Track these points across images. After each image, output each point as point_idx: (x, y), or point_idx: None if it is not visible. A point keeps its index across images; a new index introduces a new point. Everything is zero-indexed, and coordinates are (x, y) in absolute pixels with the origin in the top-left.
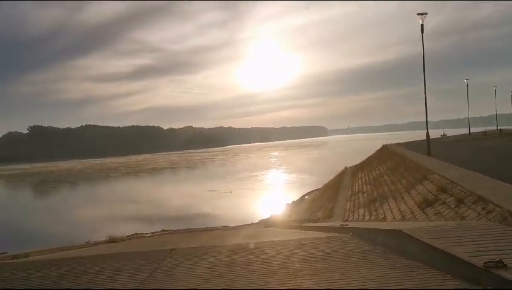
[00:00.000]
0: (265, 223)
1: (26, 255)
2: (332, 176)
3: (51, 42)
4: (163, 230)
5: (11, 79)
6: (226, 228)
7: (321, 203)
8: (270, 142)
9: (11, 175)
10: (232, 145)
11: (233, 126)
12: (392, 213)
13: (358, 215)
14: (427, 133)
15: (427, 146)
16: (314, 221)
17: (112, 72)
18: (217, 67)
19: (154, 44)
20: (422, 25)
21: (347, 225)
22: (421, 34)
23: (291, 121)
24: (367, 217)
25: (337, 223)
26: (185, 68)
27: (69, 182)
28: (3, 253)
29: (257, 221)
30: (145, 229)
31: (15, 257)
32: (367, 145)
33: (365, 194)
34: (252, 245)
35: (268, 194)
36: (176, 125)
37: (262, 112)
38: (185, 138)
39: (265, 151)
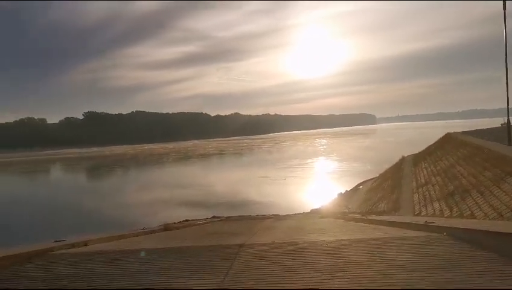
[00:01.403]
0: (319, 213)
1: (85, 244)
2: (386, 166)
3: (104, 31)
4: (213, 216)
5: (68, 68)
6: (277, 216)
7: (382, 194)
8: (317, 130)
9: (67, 159)
10: (279, 132)
11: (280, 113)
12: (481, 209)
13: (434, 210)
14: (508, 121)
15: (508, 135)
16: (379, 213)
17: (162, 59)
18: (265, 54)
19: (202, 32)
20: (504, 1)
21: (433, 222)
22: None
23: (339, 108)
24: (447, 213)
25: (413, 218)
26: (233, 55)
27: (122, 166)
28: (61, 240)
29: (308, 210)
30: (196, 215)
31: (73, 245)
32: (421, 133)
33: (436, 186)
34: (326, 243)
35: (318, 182)
36: (223, 112)
37: (310, 99)
38: (232, 125)
39: (313, 139)
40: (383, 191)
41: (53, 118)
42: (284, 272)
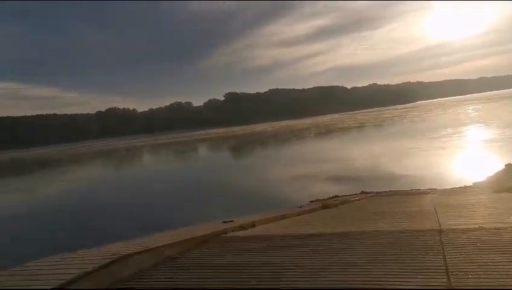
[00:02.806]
0: (489, 187)
1: (253, 225)
2: None
3: (241, 14)
4: (362, 192)
5: (209, 52)
6: (434, 191)
7: None
8: (466, 95)
9: (212, 139)
10: (422, 100)
11: (422, 80)
12: None
13: None
14: None
15: None
16: None
17: (295, 35)
18: (402, 19)
19: (335, 3)
20: None
21: None
22: None
23: (491, 70)
24: None
25: None
26: (367, 24)
27: (265, 143)
28: (229, 221)
29: (469, 184)
30: (343, 190)
31: (242, 227)
32: None
33: None
34: None
35: (477, 152)
36: (360, 83)
37: (455, 62)
38: (370, 96)
39: (464, 105)
40: None
41: (198, 101)
42: None
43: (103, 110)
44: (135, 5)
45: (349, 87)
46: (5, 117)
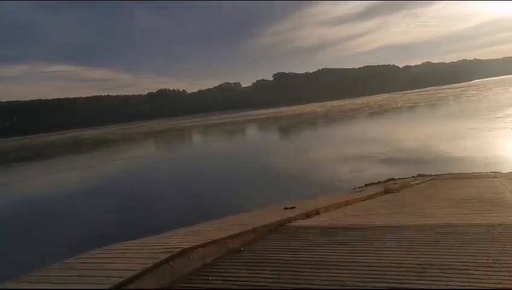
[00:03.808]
0: None
1: (317, 212)
2: None
3: None
4: (419, 175)
5: (257, 32)
6: (497, 173)
7: None
8: None
9: (261, 119)
10: (480, 79)
11: (480, 58)
12: None
13: None
14: None
15: None
16: None
17: (342, 14)
18: None
19: None
20: None
21: None
22: None
23: None
24: None
25: None
26: (419, 0)
27: (314, 124)
28: (291, 207)
29: None
30: (398, 172)
31: (307, 215)
32: None
33: None
34: None
35: None
36: (413, 62)
37: None
38: (423, 75)
39: None
40: None
41: (247, 82)
42: None
43: (154, 91)
44: None
45: (401, 66)
46: (64, 98)
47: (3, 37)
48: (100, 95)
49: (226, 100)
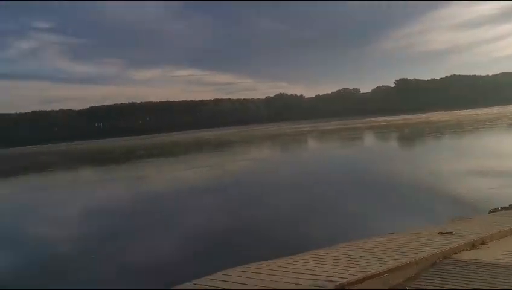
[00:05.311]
0: None
1: (483, 241)
2: None
3: None
4: None
5: (378, 37)
6: None
7: None
8: None
9: (382, 126)
10: None
11: None
12: None
13: None
14: None
15: None
16: None
17: (476, 16)
18: None
19: None
20: None
21: None
22: None
23: None
24: None
25: None
26: None
27: (445, 133)
28: (448, 232)
29: None
30: None
31: (472, 244)
32: None
33: None
34: None
35: None
36: None
37: None
38: None
39: None
40: None
41: (366, 87)
42: None
43: (272, 95)
44: None
45: None
46: (189, 101)
47: (140, 44)
48: (222, 99)
49: (344, 106)
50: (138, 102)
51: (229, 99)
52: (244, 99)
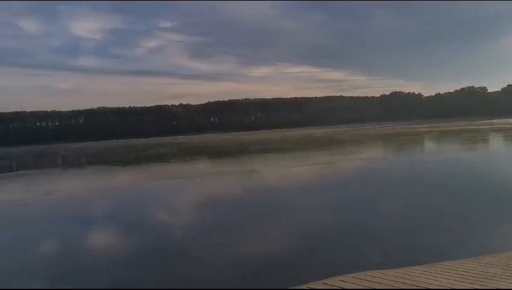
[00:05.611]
0: None
1: None
2: None
3: None
4: None
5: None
6: None
7: None
8: None
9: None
10: None
11: None
12: None
13: None
14: None
15: None
16: None
17: None
18: None
19: None
20: None
21: None
22: None
23: None
24: None
25: None
26: None
27: None
28: None
29: None
30: None
31: None
32: None
33: None
34: None
35: None
36: None
37: None
38: None
39: None
40: None
41: (495, 86)
42: None
43: (387, 93)
44: None
45: None
46: (301, 98)
47: (255, 42)
48: (333, 96)
49: (468, 105)
50: (251, 98)
51: (341, 96)
52: (356, 96)
